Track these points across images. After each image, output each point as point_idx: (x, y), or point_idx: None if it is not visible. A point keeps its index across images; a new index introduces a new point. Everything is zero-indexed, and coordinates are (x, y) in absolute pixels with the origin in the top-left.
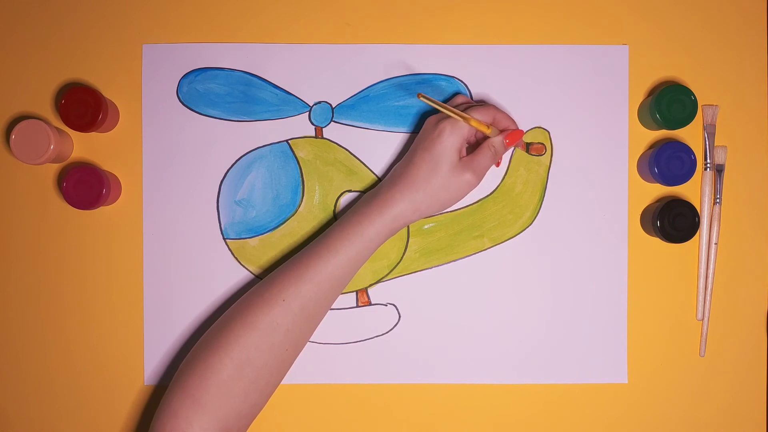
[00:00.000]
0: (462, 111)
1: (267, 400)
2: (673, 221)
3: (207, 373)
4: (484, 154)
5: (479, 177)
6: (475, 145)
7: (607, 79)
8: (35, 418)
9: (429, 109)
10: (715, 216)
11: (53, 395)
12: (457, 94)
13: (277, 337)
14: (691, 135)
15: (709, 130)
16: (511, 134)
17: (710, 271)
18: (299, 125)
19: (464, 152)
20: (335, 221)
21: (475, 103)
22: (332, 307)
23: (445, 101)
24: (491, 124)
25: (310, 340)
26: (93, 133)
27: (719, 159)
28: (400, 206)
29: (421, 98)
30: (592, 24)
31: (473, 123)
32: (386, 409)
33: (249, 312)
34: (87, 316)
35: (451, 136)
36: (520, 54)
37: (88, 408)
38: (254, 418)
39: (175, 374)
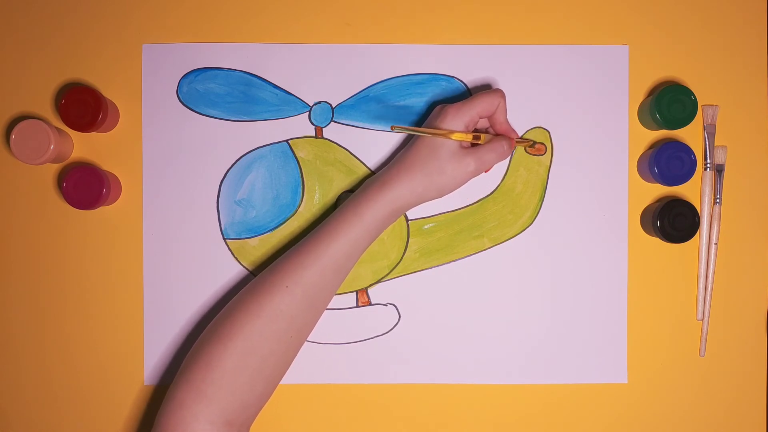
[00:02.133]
0: (471, 98)
1: (272, 391)
2: (673, 221)
3: (212, 363)
4: (492, 148)
5: (480, 167)
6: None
7: (607, 79)
8: (35, 417)
9: (431, 106)
10: (715, 216)
11: (53, 395)
12: (444, 107)
13: (282, 324)
14: (691, 135)
15: (709, 130)
16: (513, 142)
17: (710, 271)
18: (299, 125)
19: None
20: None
21: (483, 93)
22: (332, 307)
23: (450, 98)
24: (494, 114)
25: (311, 340)
26: (93, 133)
27: (719, 159)
28: (397, 189)
29: (395, 129)
30: (592, 24)
31: (455, 137)
32: (386, 409)
33: (252, 300)
34: (87, 316)
35: (453, 121)
36: (520, 54)
37: (88, 408)
38: (260, 409)
39: (181, 366)
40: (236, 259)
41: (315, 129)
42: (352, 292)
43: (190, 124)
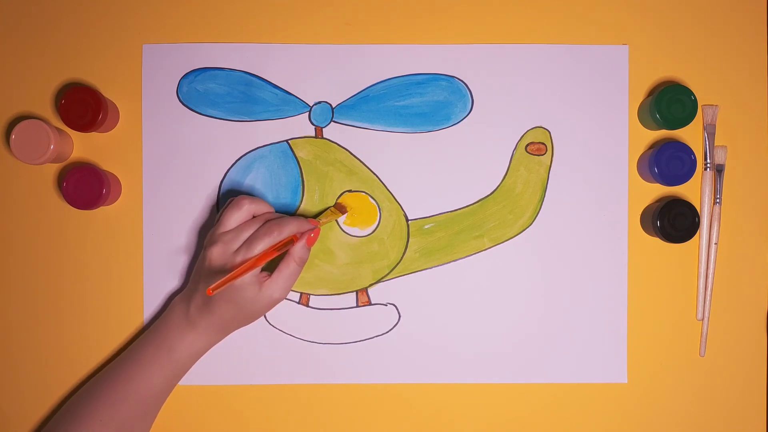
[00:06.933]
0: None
1: None
2: (673, 221)
3: None
4: (288, 266)
5: (287, 290)
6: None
7: (607, 79)
8: (35, 418)
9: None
10: (715, 216)
11: (52, 395)
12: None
13: None
14: (691, 135)
15: (709, 130)
16: (310, 238)
17: (710, 271)
18: (299, 125)
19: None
20: (146, 331)
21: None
22: (332, 307)
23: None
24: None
25: (311, 340)
26: (93, 133)
27: (719, 159)
28: (204, 337)
29: (211, 293)
30: (592, 24)
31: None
32: (386, 409)
33: None
34: (86, 316)
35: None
36: (520, 54)
37: None
38: None
39: None
40: None
41: (315, 129)
42: (352, 292)
43: (190, 124)
